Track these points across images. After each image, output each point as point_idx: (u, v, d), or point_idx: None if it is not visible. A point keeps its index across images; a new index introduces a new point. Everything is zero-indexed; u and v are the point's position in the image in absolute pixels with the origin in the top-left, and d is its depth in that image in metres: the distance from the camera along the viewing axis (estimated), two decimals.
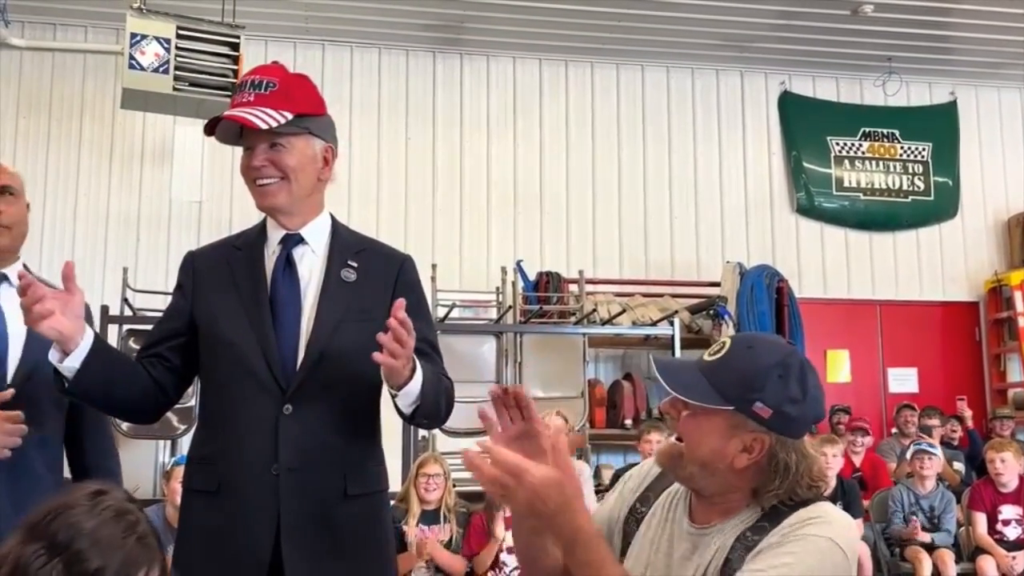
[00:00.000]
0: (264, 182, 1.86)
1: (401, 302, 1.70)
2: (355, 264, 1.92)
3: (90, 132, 6.83)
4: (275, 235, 1.92)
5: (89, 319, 1.93)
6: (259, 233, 1.96)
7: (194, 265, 1.96)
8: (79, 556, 1.08)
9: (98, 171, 6.80)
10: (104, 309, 5.27)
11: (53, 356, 1.73)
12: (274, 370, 1.81)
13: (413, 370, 1.78)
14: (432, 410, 1.87)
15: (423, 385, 1.80)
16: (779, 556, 1.30)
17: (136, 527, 1.14)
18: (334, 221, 2.00)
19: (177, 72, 5.45)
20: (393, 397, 1.81)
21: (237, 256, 1.93)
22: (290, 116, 1.84)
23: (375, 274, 1.93)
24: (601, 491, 5.34)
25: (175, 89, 5.46)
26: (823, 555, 1.30)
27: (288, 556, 1.75)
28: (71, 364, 1.72)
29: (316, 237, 1.93)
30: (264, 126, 1.81)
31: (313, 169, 1.91)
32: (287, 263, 1.90)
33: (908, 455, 5.33)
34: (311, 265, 1.91)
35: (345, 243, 1.96)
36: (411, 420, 1.87)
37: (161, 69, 5.42)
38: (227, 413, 1.83)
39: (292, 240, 1.91)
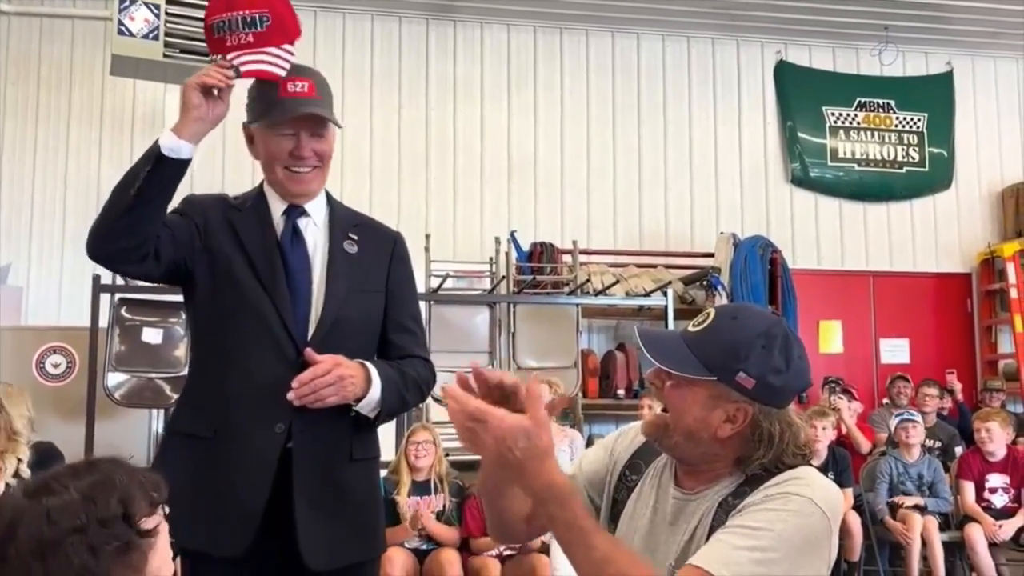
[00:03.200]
0: (303, 170, 1.91)
1: (313, 356, 1.80)
2: (355, 237, 1.98)
3: (79, 99, 6.76)
4: (278, 205, 1.96)
5: None
6: (258, 198, 1.98)
7: (205, 213, 1.94)
8: (100, 511, 1.09)
9: (88, 139, 6.74)
10: (96, 278, 5.24)
11: (168, 136, 1.75)
12: (293, 335, 1.86)
13: (368, 379, 1.85)
14: (396, 408, 1.95)
15: (383, 391, 1.87)
16: (762, 512, 1.32)
17: (92, 466, 1.15)
18: (328, 195, 2.05)
19: (167, 39, 5.38)
20: (353, 409, 1.86)
21: (239, 218, 1.94)
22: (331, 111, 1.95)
23: (373, 248, 2.00)
24: None
25: (165, 56, 5.39)
26: (803, 514, 1.31)
27: (300, 514, 1.82)
28: (187, 154, 1.77)
29: (316, 209, 1.99)
30: (340, 127, 1.93)
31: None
32: (294, 233, 1.94)
33: (892, 425, 5.37)
34: (315, 236, 1.96)
35: (342, 216, 2.02)
36: (375, 423, 1.93)
37: (151, 35, 5.36)
38: (237, 368, 1.85)
39: (296, 211, 1.95)
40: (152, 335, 5.35)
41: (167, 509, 1.19)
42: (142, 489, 1.14)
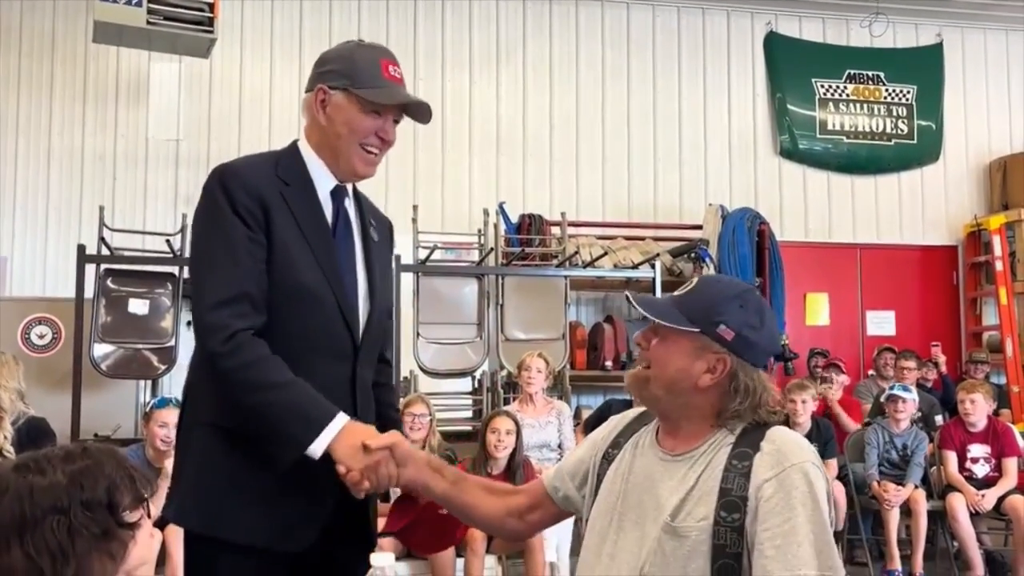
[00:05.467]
0: (376, 152, 1.87)
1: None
2: (374, 223, 1.94)
3: (62, 68, 6.67)
4: (325, 182, 1.84)
5: None
6: (303, 170, 1.83)
7: (261, 197, 1.73)
8: (85, 495, 1.10)
9: (72, 109, 6.66)
10: (81, 248, 5.21)
11: (319, 450, 1.67)
12: (353, 332, 1.80)
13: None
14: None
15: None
16: (784, 511, 1.41)
17: (85, 452, 1.16)
18: None
19: (151, 5, 5.31)
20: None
21: (291, 194, 1.78)
22: None
23: (384, 237, 1.98)
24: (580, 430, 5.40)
25: (149, 23, 5.32)
26: (810, 480, 1.43)
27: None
28: (317, 455, 1.67)
29: (350, 191, 1.92)
30: (425, 123, 1.99)
31: None
32: (345, 218, 1.86)
33: (883, 398, 5.42)
34: (352, 220, 1.89)
35: (364, 199, 1.97)
36: None
37: (134, 2, 5.28)
38: (300, 368, 1.72)
39: (342, 192, 1.87)
40: (138, 306, 5.33)
41: (151, 508, 1.20)
42: (130, 482, 1.16)
